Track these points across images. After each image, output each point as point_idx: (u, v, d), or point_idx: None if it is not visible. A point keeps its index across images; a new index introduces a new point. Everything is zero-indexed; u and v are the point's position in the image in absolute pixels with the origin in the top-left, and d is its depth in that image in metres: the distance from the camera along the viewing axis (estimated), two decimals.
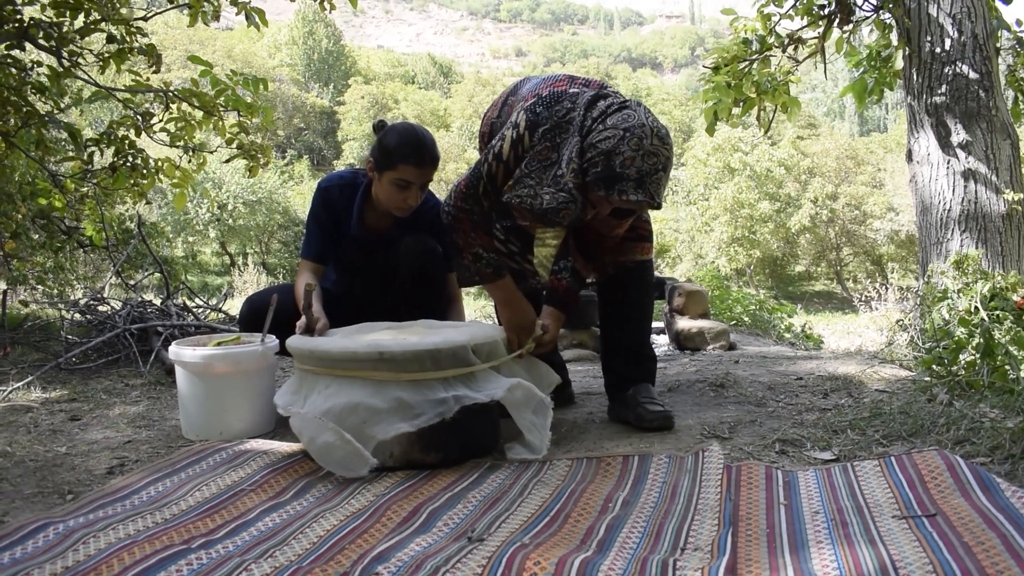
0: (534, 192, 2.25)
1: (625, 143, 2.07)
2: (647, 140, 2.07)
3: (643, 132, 2.08)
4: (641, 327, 2.72)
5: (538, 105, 2.29)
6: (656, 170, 2.08)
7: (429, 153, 2.69)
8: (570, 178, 2.18)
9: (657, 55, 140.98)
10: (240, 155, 4.79)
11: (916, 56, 4.89)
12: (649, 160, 2.07)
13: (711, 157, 29.48)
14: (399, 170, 2.66)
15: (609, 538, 1.59)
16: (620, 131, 2.09)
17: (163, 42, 32.20)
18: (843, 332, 10.01)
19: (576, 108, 2.24)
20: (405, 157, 2.65)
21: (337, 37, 61.04)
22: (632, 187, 2.07)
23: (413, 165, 2.66)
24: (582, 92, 2.30)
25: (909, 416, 2.34)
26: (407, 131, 2.73)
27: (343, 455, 1.99)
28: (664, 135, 2.11)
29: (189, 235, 26.32)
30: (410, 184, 2.69)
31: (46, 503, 1.93)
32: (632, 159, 2.06)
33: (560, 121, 2.24)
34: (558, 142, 2.24)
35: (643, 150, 2.06)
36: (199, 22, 4.53)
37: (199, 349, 2.51)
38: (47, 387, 3.40)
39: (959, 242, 4.61)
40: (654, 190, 2.09)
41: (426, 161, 2.68)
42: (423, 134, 2.74)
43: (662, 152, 2.09)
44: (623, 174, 2.07)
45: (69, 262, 7.01)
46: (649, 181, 2.08)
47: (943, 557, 1.34)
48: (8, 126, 4.37)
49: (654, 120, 2.14)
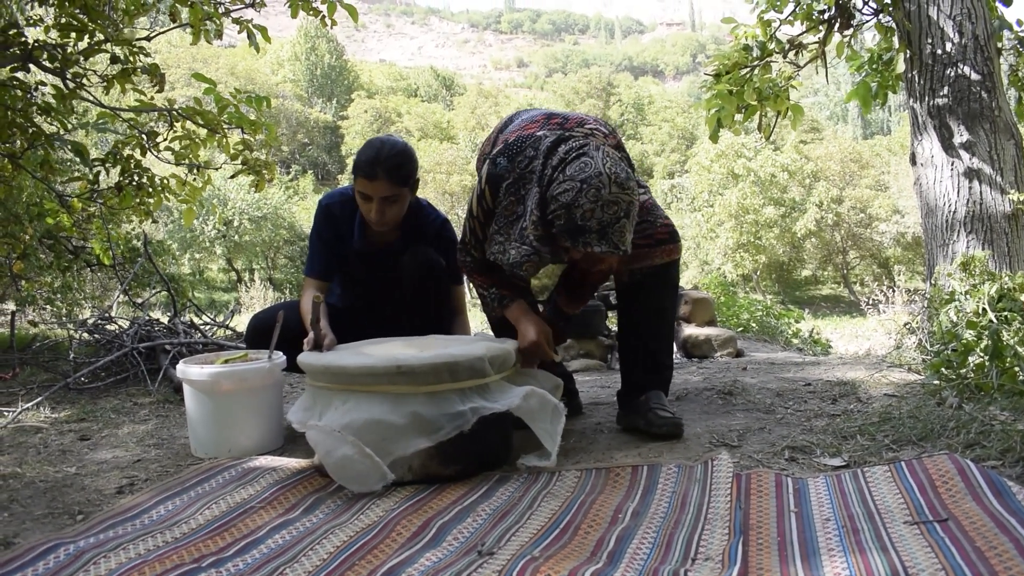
0: (503, 248, 2.33)
1: (583, 195, 2.08)
2: (604, 190, 2.07)
3: (600, 182, 2.08)
4: (656, 333, 2.69)
5: (500, 156, 2.35)
6: (617, 218, 2.09)
7: (382, 167, 2.65)
8: (531, 231, 2.23)
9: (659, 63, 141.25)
10: (245, 171, 4.80)
11: (917, 58, 4.89)
12: (609, 210, 2.08)
13: (715, 163, 29.49)
14: (357, 182, 2.71)
15: (619, 550, 1.59)
16: (577, 183, 2.09)
17: (166, 61, 32.40)
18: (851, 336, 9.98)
19: (537, 156, 2.27)
20: (358, 169, 2.70)
21: (339, 52, 61.27)
22: (595, 239, 2.09)
23: (364, 177, 2.67)
24: (544, 137, 2.32)
25: (919, 420, 2.33)
26: (369, 144, 2.75)
27: (362, 469, 1.99)
28: (623, 180, 2.10)
29: (196, 252, 26.40)
30: (369, 197, 2.70)
31: (56, 524, 1.93)
32: (591, 211, 2.07)
33: (523, 172, 2.29)
34: (522, 194, 2.29)
35: (601, 200, 2.07)
36: (202, 40, 4.56)
37: (206, 367, 2.51)
38: (56, 407, 3.41)
39: (965, 244, 4.59)
40: (617, 239, 2.10)
41: (377, 175, 2.65)
42: (382, 148, 2.70)
43: (622, 199, 2.09)
44: (585, 227, 2.09)
45: (77, 282, 7.02)
46: (611, 231, 2.09)
47: (955, 562, 1.33)
48: (14, 148, 4.40)
49: (612, 165, 2.12)
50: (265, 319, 2.89)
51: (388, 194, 2.69)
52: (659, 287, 2.63)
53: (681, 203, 32.92)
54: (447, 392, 2.11)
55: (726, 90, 5.74)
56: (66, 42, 4.27)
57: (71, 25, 4.19)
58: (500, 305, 2.56)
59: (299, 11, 4.66)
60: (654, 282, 2.61)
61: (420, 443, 2.05)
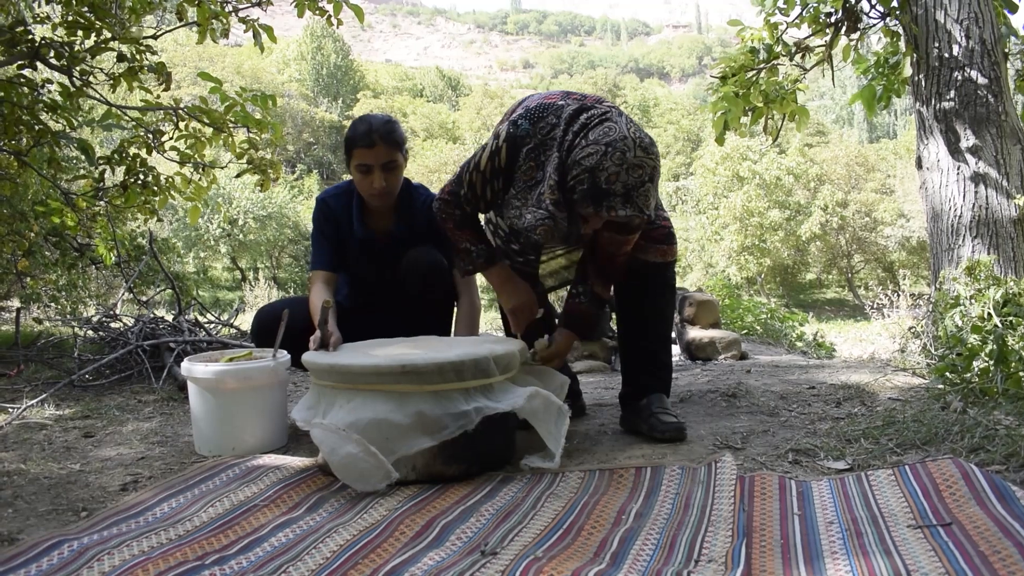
0: (519, 213, 2.31)
1: (608, 158, 2.06)
2: (630, 153, 2.06)
3: (625, 145, 2.06)
4: (655, 334, 2.69)
5: (521, 119, 2.30)
6: (642, 182, 2.07)
7: (378, 132, 2.74)
8: (548, 196, 2.20)
9: (664, 65, 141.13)
10: (250, 170, 4.81)
11: (924, 62, 4.88)
12: (634, 173, 2.06)
13: (720, 166, 29.47)
14: (355, 155, 2.76)
15: (622, 551, 1.59)
16: (602, 146, 2.08)
17: (173, 59, 32.44)
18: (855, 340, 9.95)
19: (559, 123, 2.24)
20: (355, 142, 2.75)
21: (345, 52, 61.37)
22: (620, 202, 2.07)
23: (363, 147, 2.73)
24: (566, 106, 2.29)
25: (923, 424, 2.33)
26: (359, 120, 2.83)
27: (366, 467, 1.99)
28: (647, 144, 2.09)
29: (200, 251, 26.44)
30: (370, 167, 2.75)
31: (60, 520, 1.94)
32: (616, 174, 2.05)
33: (544, 139, 2.26)
34: (542, 160, 2.26)
35: (627, 164, 2.05)
36: (208, 39, 4.57)
37: (211, 365, 2.52)
38: (61, 404, 3.42)
39: (971, 248, 4.59)
40: (642, 203, 2.08)
41: (375, 141, 2.72)
42: (374, 118, 2.81)
43: (647, 163, 2.08)
44: (609, 190, 2.07)
45: (82, 279, 7.04)
46: (636, 194, 2.07)
47: (959, 567, 1.33)
48: (21, 145, 4.41)
49: (636, 130, 2.12)
50: (269, 316, 2.89)
51: (387, 159, 2.75)
52: (656, 288, 2.64)
53: (686, 205, 32.91)
54: (451, 392, 2.11)
55: (732, 93, 5.74)
56: (73, 40, 4.29)
57: (78, 23, 4.21)
58: (486, 262, 2.53)
59: (305, 11, 4.67)
60: (651, 283, 2.62)
61: (424, 442, 2.05)
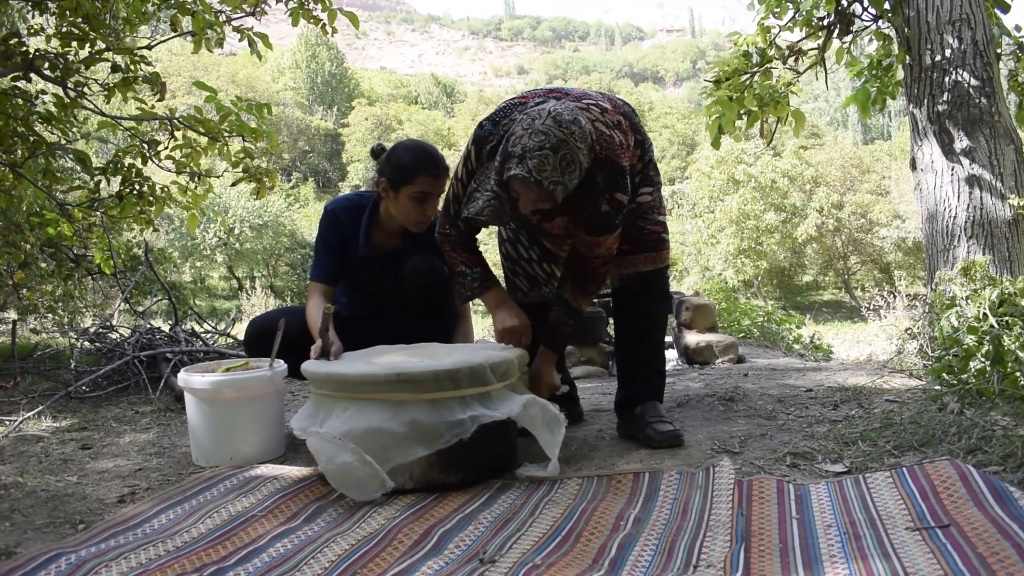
0: (474, 198, 2.33)
1: (519, 124, 2.09)
2: (539, 121, 2.05)
3: (539, 114, 2.06)
4: (647, 340, 2.68)
5: (487, 120, 2.35)
6: (541, 147, 2.02)
7: (442, 163, 2.75)
8: (493, 177, 2.23)
9: (659, 69, 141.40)
10: (246, 179, 4.81)
11: (917, 64, 4.90)
12: (535, 138, 2.03)
13: (715, 170, 29.48)
14: (418, 183, 2.70)
15: (621, 557, 1.59)
16: (522, 116, 2.11)
17: (167, 69, 32.45)
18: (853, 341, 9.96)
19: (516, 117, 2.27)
20: (422, 170, 2.70)
21: (340, 60, 61.48)
22: (515, 163, 2.06)
23: (431, 176, 2.71)
24: (528, 104, 2.31)
25: (920, 426, 2.33)
26: (418, 146, 2.79)
27: (361, 476, 1.99)
28: (563, 121, 2.05)
29: (196, 260, 26.41)
30: (428, 195, 2.73)
31: (57, 533, 1.93)
32: (520, 137, 2.06)
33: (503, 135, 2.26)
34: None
35: (532, 129, 2.05)
36: (203, 49, 4.57)
37: (208, 375, 2.51)
38: (57, 416, 3.41)
39: (966, 249, 4.60)
40: (533, 165, 2.02)
41: (441, 171, 2.73)
42: (427, 146, 2.80)
43: (553, 133, 2.02)
44: (510, 152, 2.08)
45: (78, 290, 7.03)
46: (530, 156, 2.03)
47: (957, 568, 1.33)
48: (15, 157, 4.40)
49: (565, 108, 2.10)
50: (263, 325, 2.89)
51: (445, 189, 2.71)
52: (647, 294, 2.64)
53: (682, 209, 32.90)
54: (448, 400, 2.11)
55: (726, 96, 5.75)
56: (67, 51, 4.28)
57: (72, 34, 4.20)
58: (481, 287, 2.52)
59: (299, 19, 4.67)
60: (643, 289, 2.61)
61: (419, 451, 2.05)
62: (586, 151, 2.09)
